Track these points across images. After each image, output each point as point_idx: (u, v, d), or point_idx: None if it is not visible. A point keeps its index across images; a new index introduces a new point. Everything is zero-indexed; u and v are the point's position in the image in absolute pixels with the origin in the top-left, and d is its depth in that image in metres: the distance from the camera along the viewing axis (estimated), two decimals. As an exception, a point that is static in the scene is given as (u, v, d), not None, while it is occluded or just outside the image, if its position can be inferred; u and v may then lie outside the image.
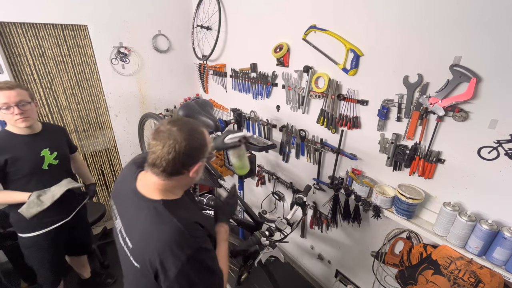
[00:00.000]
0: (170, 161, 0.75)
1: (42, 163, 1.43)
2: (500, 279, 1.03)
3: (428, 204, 1.30)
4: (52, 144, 1.48)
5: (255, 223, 1.49)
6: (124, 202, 0.85)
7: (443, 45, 1.07)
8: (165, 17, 2.48)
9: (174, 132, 0.76)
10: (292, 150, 1.96)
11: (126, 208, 0.84)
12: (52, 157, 1.47)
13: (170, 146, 0.74)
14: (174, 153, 0.75)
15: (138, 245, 0.77)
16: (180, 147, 0.75)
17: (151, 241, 0.74)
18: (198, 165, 0.81)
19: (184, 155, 0.76)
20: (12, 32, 1.90)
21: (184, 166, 0.79)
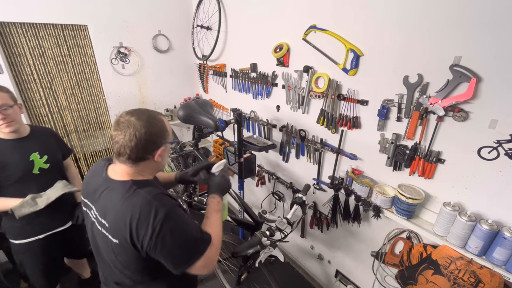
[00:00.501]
0: (133, 148, 0.81)
1: (32, 168, 1.37)
2: (500, 279, 1.03)
3: (428, 204, 1.30)
4: (42, 148, 1.42)
5: (255, 223, 1.49)
6: (96, 193, 0.88)
7: (443, 45, 1.07)
8: (165, 17, 2.48)
9: (133, 121, 0.82)
10: (292, 150, 1.96)
11: (98, 196, 0.88)
12: (42, 161, 1.40)
13: (130, 134, 0.81)
14: (135, 140, 0.81)
15: (114, 221, 0.81)
16: (140, 134, 0.81)
17: (125, 212, 0.79)
18: (161, 149, 0.87)
19: (146, 141, 0.83)
20: (12, 32, 1.90)
21: (147, 151, 0.85)
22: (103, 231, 0.84)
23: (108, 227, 0.82)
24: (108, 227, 0.82)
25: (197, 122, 1.76)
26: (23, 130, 1.38)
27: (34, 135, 1.43)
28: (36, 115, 2.15)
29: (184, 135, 3.05)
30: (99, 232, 0.86)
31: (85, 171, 2.50)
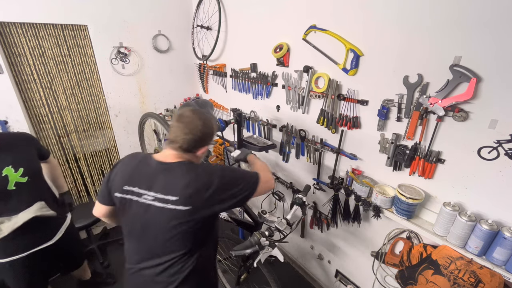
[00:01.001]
0: (186, 140, 0.98)
1: (6, 184, 1.24)
2: (500, 279, 1.03)
3: (428, 204, 1.30)
4: (16, 159, 1.29)
5: (254, 223, 1.49)
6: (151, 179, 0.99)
7: (443, 45, 1.07)
8: (165, 17, 2.48)
9: (195, 119, 1.00)
10: (292, 150, 1.96)
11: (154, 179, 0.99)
12: (18, 174, 1.27)
13: (190, 128, 0.98)
14: (191, 135, 0.98)
15: (184, 191, 0.95)
16: (196, 131, 0.99)
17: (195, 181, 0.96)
18: (205, 148, 1.05)
19: (198, 138, 1.00)
20: (12, 32, 1.90)
21: (195, 146, 1.02)
22: (169, 206, 0.95)
23: (178, 199, 0.94)
24: (178, 199, 0.94)
25: (197, 122, 1.76)
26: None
27: (6, 145, 1.29)
28: (36, 115, 2.15)
29: (184, 135, 3.04)
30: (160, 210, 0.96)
31: (85, 171, 2.50)
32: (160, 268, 1.02)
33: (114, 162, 2.66)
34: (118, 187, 1.02)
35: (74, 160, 2.42)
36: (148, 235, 1.01)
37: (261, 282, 1.74)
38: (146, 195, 0.98)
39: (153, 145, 2.63)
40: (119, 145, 2.60)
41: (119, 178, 1.03)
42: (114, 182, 1.03)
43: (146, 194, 0.98)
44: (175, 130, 0.99)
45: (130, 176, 1.02)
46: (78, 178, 2.49)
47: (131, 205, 1.01)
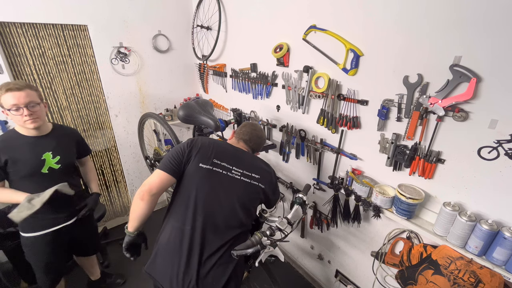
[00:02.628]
0: (256, 140, 1.40)
1: (42, 167, 1.40)
2: (500, 279, 1.03)
3: (428, 204, 1.30)
4: (57, 148, 1.45)
5: (255, 222, 1.49)
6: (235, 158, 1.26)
7: (443, 45, 1.07)
8: (165, 17, 2.48)
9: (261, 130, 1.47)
10: (292, 150, 1.96)
11: (239, 159, 1.26)
12: (54, 161, 1.43)
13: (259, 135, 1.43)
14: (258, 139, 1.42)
15: (262, 173, 1.28)
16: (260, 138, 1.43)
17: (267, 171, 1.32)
18: (258, 154, 1.49)
19: (260, 143, 1.44)
20: (12, 32, 1.90)
21: (256, 149, 1.43)
22: (253, 182, 1.24)
23: (259, 178, 1.25)
24: (259, 178, 1.25)
25: (197, 122, 1.76)
26: (45, 129, 1.43)
27: (54, 134, 1.47)
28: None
29: (184, 135, 3.05)
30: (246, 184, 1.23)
31: (85, 171, 2.50)
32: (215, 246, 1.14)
33: (114, 162, 2.66)
34: (206, 160, 1.20)
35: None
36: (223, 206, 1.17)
37: (261, 282, 1.74)
38: (234, 170, 1.22)
39: (153, 145, 2.63)
40: (119, 145, 2.60)
41: (206, 152, 1.21)
42: (198, 155, 1.20)
43: (234, 170, 1.22)
44: (249, 130, 1.40)
45: (220, 152, 1.23)
46: (78, 178, 2.49)
47: (216, 176, 1.19)
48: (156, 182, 1.14)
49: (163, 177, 1.15)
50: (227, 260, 1.15)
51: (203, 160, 1.19)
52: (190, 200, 1.15)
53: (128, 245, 1.19)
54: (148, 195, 1.11)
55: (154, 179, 1.14)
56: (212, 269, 1.12)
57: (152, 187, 1.12)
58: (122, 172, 2.74)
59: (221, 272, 1.13)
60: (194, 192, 1.16)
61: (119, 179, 2.76)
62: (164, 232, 1.18)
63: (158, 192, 1.15)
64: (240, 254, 1.09)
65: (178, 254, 1.11)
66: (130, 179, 2.79)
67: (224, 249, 1.15)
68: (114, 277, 2.15)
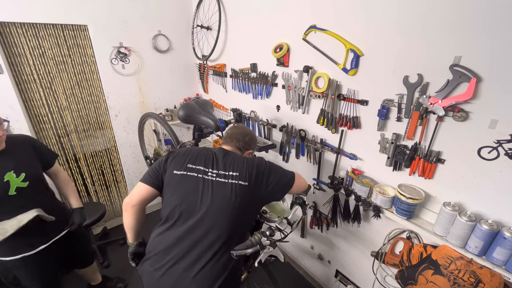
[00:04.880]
0: (241, 140, 1.32)
1: (8, 189, 1.24)
2: (500, 279, 1.03)
3: (428, 204, 1.30)
4: (18, 164, 1.27)
5: (255, 222, 1.49)
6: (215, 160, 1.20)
7: (443, 45, 1.07)
8: (165, 17, 2.48)
9: (246, 128, 1.44)
10: (292, 150, 1.96)
11: (217, 161, 1.19)
12: (19, 179, 1.26)
13: (244, 133, 1.34)
14: (243, 138, 1.33)
15: (243, 169, 1.16)
16: (246, 136, 1.34)
17: (251, 163, 1.19)
18: (249, 151, 1.37)
19: (248, 141, 1.34)
20: (12, 32, 1.90)
21: (244, 148, 1.34)
22: (231, 180, 1.14)
23: (239, 175, 1.14)
24: (239, 175, 1.14)
25: (197, 122, 1.76)
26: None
27: (9, 150, 1.27)
28: (36, 115, 2.15)
29: (184, 135, 3.05)
30: (223, 184, 1.13)
31: (85, 171, 2.50)
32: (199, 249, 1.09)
33: (114, 162, 2.66)
34: (179, 166, 1.17)
35: (74, 160, 2.41)
36: (203, 210, 1.10)
37: (261, 282, 1.74)
38: (210, 172, 1.15)
39: (153, 145, 2.63)
40: (119, 145, 2.60)
41: (180, 159, 1.18)
42: (172, 163, 1.18)
43: (210, 172, 1.15)
44: (231, 132, 1.34)
45: (194, 157, 1.19)
46: (78, 178, 2.49)
47: (193, 180, 1.14)
48: (135, 194, 1.17)
49: (141, 188, 1.17)
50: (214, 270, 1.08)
51: (177, 166, 1.17)
52: (169, 207, 1.14)
53: (132, 255, 1.30)
54: (129, 207, 1.16)
55: (134, 190, 1.18)
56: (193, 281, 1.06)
57: (132, 198, 1.16)
58: (122, 172, 2.74)
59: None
60: (172, 199, 1.14)
61: (119, 179, 2.76)
62: (150, 239, 1.20)
63: (140, 203, 1.17)
64: (239, 254, 1.09)
65: (159, 261, 1.10)
66: (130, 179, 2.79)
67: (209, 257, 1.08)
68: (115, 281, 2.12)
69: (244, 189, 1.12)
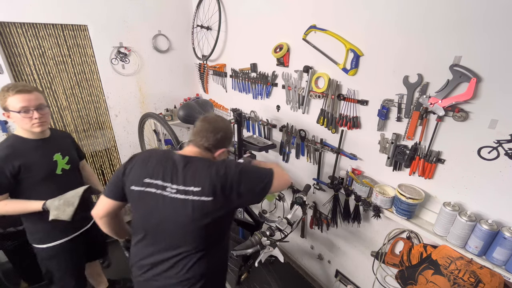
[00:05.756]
0: (209, 138, 1.05)
1: (55, 168, 1.38)
2: (500, 279, 1.03)
3: (428, 204, 1.30)
4: (63, 149, 1.43)
5: (255, 222, 1.49)
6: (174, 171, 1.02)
7: (443, 45, 1.07)
8: (165, 17, 2.48)
9: (218, 121, 1.09)
10: (292, 150, 1.96)
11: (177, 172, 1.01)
12: (64, 161, 1.42)
13: (214, 128, 1.05)
14: (213, 134, 1.05)
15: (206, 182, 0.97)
16: (218, 132, 1.05)
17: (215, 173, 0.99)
18: (222, 150, 1.09)
19: (220, 138, 1.06)
20: (12, 32, 1.90)
21: (215, 146, 1.07)
22: (192, 197, 0.97)
23: (201, 190, 0.97)
24: (201, 190, 0.97)
25: (197, 122, 1.76)
26: (47, 132, 1.40)
27: (54, 136, 1.44)
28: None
29: (184, 135, 3.05)
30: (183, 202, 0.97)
31: (85, 171, 2.50)
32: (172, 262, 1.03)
33: (114, 162, 2.66)
34: (136, 180, 1.01)
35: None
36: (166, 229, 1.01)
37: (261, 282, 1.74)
38: (169, 188, 0.99)
39: (153, 145, 2.63)
40: (119, 145, 2.60)
41: (138, 171, 1.03)
42: (130, 175, 1.03)
43: (169, 187, 0.99)
44: (200, 128, 1.06)
45: (152, 169, 1.02)
46: (78, 178, 2.49)
47: (151, 198, 1.00)
48: (100, 207, 1.10)
49: (105, 202, 1.09)
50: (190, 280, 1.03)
51: (134, 180, 1.02)
52: (134, 224, 1.09)
53: (125, 248, 1.34)
54: (98, 219, 1.12)
55: (98, 203, 1.10)
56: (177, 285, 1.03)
57: (98, 211, 1.10)
58: (122, 172, 2.74)
59: None
60: (135, 216, 1.07)
61: (119, 179, 2.76)
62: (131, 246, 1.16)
63: (108, 215, 1.11)
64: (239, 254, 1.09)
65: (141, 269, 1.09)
66: (130, 179, 2.79)
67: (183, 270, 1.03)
68: (123, 282, 2.09)
69: (209, 205, 0.97)
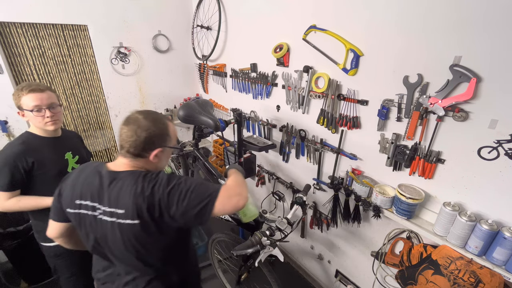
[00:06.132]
0: (132, 143, 0.87)
1: (67, 166, 1.41)
2: (500, 279, 1.03)
3: (428, 204, 1.30)
4: (73, 148, 1.47)
5: (255, 222, 1.49)
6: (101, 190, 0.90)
7: (443, 45, 1.07)
8: (165, 17, 2.48)
9: (139, 119, 0.88)
10: (292, 150, 1.96)
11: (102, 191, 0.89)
12: (74, 160, 1.45)
13: (133, 130, 0.87)
14: (135, 136, 0.87)
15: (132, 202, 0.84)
16: (141, 132, 0.87)
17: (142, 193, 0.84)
18: (158, 150, 0.91)
19: (144, 139, 0.87)
20: (12, 32, 1.90)
21: (144, 149, 0.89)
22: (118, 220, 0.86)
23: (125, 213, 0.85)
24: (125, 213, 0.85)
25: (197, 122, 1.76)
26: (59, 131, 1.44)
27: (65, 136, 1.48)
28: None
29: (184, 135, 3.05)
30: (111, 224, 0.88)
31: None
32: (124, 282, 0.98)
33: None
34: (69, 202, 0.93)
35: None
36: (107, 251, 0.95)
37: (261, 282, 1.74)
38: (98, 210, 0.89)
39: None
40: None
41: (69, 192, 0.93)
42: (64, 197, 0.95)
43: (97, 208, 0.89)
44: (121, 134, 0.89)
45: (81, 188, 0.92)
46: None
47: (86, 220, 0.92)
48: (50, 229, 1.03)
49: (53, 225, 1.02)
50: None
51: (67, 202, 0.94)
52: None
53: None
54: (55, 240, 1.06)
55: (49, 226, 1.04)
56: None
57: (51, 234, 1.04)
58: (122, 172, 2.74)
59: None
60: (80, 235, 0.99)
61: (119, 179, 2.76)
62: None
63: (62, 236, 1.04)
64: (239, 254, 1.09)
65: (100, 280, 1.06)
66: (130, 179, 2.79)
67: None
68: None
69: (137, 229, 0.86)
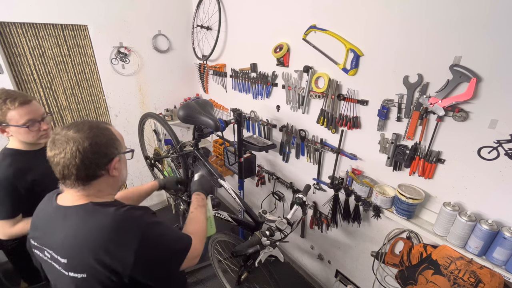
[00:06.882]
0: (79, 165, 0.69)
1: None
2: (500, 279, 1.03)
3: (428, 204, 1.30)
4: None
5: (255, 223, 1.49)
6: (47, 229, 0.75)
7: (443, 45, 1.07)
8: (165, 17, 2.48)
9: (71, 135, 0.70)
10: (292, 150, 1.96)
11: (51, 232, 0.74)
12: None
13: (72, 149, 0.68)
14: (80, 156, 0.68)
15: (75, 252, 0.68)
16: (84, 147, 0.69)
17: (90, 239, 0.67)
18: (115, 161, 0.76)
19: (94, 154, 0.70)
20: (12, 32, 1.90)
21: (98, 166, 0.73)
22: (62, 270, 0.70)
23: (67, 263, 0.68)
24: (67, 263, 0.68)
25: (197, 122, 1.76)
26: None
27: None
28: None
29: (184, 135, 3.05)
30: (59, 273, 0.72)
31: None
32: None
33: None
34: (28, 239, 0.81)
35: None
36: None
37: (261, 282, 1.74)
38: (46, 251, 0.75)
39: (153, 145, 2.63)
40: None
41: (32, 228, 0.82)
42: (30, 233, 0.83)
43: (46, 250, 0.75)
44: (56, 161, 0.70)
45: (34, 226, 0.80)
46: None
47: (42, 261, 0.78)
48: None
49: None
50: None
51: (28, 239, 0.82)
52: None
53: None
54: None
55: None
56: None
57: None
58: (122, 172, 2.74)
59: None
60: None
61: (119, 179, 2.76)
62: None
63: None
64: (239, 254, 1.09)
65: None
66: (130, 179, 2.79)
67: None
68: None
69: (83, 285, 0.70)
